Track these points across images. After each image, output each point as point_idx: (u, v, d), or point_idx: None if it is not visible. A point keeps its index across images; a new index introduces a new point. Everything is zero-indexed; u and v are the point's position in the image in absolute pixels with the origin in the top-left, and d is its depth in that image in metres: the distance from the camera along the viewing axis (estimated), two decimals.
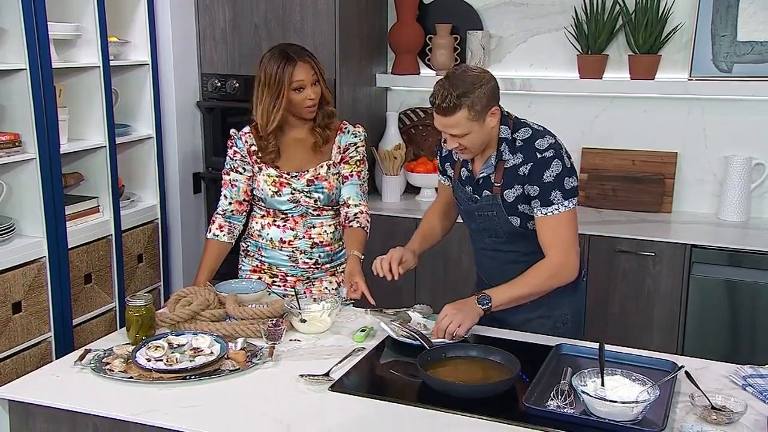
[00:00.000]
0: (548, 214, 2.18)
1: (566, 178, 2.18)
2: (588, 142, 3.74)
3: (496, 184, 2.25)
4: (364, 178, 2.62)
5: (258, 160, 2.56)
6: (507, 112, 2.27)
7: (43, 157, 2.85)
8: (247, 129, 2.59)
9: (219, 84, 3.74)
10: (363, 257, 2.46)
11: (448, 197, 2.54)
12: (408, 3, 3.85)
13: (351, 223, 2.56)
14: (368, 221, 2.59)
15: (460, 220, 2.57)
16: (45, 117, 2.85)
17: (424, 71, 3.99)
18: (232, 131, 2.62)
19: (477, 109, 2.11)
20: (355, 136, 2.60)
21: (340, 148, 2.57)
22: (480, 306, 2.16)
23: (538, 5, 3.73)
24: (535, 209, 2.21)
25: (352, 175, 2.58)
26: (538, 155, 2.19)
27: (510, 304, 2.22)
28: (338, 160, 2.57)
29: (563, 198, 2.18)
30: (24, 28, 2.74)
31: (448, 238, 3.46)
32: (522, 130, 2.24)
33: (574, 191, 2.21)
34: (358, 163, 2.59)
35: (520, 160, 2.21)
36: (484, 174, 2.28)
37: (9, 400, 1.89)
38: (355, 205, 2.57)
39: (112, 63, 3.23)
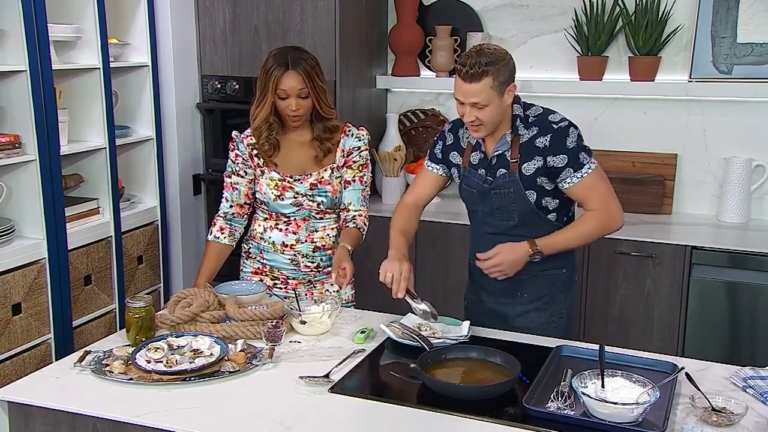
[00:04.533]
0: (583, 176, 2.29)
1: (583, 141, 2.32)
2: (588, 144, 3.71)
3: (512, 161, 2.31)
4: (366, 182, 2.61)
5: (261, 164, 2.56)
6: (516, 94, 2.36)
7: (43, 158, 2.85)
8: (248, 131, 2.58)
9: (219, 85, 3.74)
10: (352, 250, 2.47)
11: (428, 191, 2.55)
12: (408, 4, 3.85)
13: (348, 224, 2.57)
14: (365, 224, 2.59)
15: (458, 221, 2.57)
16: (45, 118, 2.85)
17: (424, 73, 3.99)
18: (234, 133, 2.61)
19: (500, 80, 2.21)
20: (359, 140, 2.59)
21: (344, 151, 2.57)
22: (531, 260, 2.30)
23: (538, 7, 3.74)
24: (567, 178, 2.29)
25: (354, 180, 2.58)
26: (554, 126, 2.30)
27: (558, 250, 2.35)
28: (341, 164, 2.57)
29: (589, 156, 2.30)
30: (24, 29, 2.74)
31: (450, 240, 3.48)
32: (533, 108, 2.36)
33: (592, 151, 2.34)
34: (361, 168, 2.58)
35: (536, 132, 2.30)
36: (499, 152, 2.34)
37: (8, 401, 1.89)
38: (355, 210, 2.58)
39: (112, 64, 3.23)
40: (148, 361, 1.98)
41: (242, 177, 2.60)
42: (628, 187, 3.60)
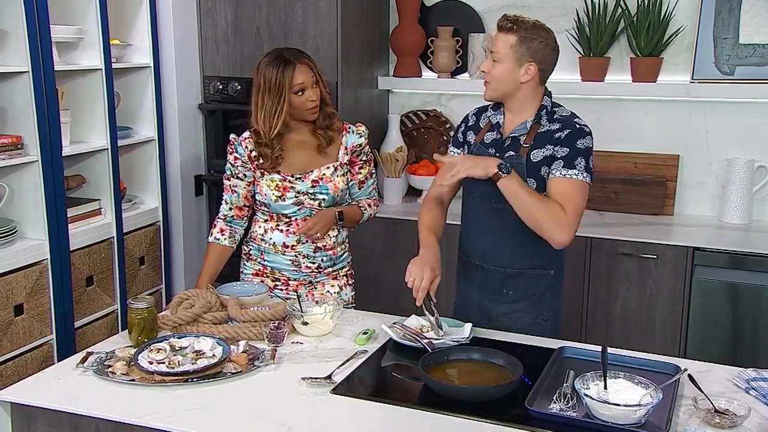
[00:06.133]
0: (567, 176, 2.25)
1: (592, 155, 2.29)
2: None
3: (524, 145, 2.30)
4: (374, 175, 2.72)
5: (259, 166, 2.56)
6: (549, 91, 2.37)
7: (45, 159, 2.86)
8: (247, 134, 2.58)
9: (221, 86, 3.75)
10: (341, 213, 2.56)
11: (450, 185, 2.51)
12: (410, 5, 3.86)
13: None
14: (370, 206, 2.68)
15: (458, 221, 2.57)
16: (47, 119, 2.85)
17: (426, 74, 3.99)
18: (232, 137, 2.61)
19: (524, 48, 2.24)
20: (360, 136, 2.61)
21: (347, 149, 2.58)
22: (500, 168, 2.17)
23: (539, 8, 3.73)
24: (554, 169, 2.26)
25: (366, 179, 2.66)
26: (577, 126, 2.30)
27: (512, 195, 2.20)
28: (345, 161, 2.58)
29: (585, 170, 2.26)
30: (26, 30, 2.75)
31: (450, 240, 3.46)
32: (562, 107, 2.39)
33: (593, 171, 2.29)
34: (368, 164, 2.67)
35: (557, 127, 2.30)
36: (515, 134, 2.33)
37: (11, 402, 1.89)
38: (364, 200, 2.69)
39: (114, 65, 3.24)
40: (151, 362, 1.98)
41: (241, 180, 2.60)
42: (630, 188, 3.61)
